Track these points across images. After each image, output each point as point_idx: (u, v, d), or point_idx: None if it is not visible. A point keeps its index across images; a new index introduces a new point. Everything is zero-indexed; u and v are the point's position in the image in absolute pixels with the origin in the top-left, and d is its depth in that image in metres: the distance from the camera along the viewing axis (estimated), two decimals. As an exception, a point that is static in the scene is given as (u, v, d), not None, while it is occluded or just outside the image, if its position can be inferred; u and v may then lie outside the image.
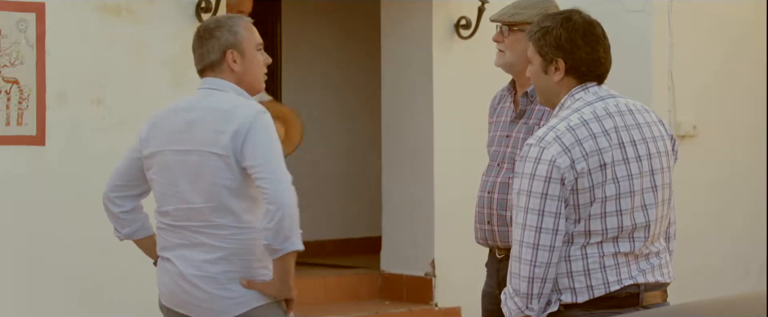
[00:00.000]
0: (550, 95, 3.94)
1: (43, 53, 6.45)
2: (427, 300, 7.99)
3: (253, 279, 4.32)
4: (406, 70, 8.11)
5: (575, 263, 3.77)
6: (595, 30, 3.87)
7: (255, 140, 4.23)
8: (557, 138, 3.75)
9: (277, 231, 4.17)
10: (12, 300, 6.41)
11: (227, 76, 4.38)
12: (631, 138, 3.81)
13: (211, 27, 4.41)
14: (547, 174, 3.72)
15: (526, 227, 3.74)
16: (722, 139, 8.87)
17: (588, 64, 3.85)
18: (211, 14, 6.97)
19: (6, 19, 6.35)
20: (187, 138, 4.33)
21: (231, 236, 4.30)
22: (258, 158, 4.21)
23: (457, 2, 7.92)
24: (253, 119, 4.25)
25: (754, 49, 8.99)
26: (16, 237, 6.42)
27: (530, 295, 3.77)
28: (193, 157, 4.31)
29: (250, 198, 4.30)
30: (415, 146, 8.06)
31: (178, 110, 4.42)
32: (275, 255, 4.24)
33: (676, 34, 8.55)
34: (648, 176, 3.83)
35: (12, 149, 6.39)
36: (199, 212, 4.31)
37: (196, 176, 4.30)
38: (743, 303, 3.44)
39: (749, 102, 8.99)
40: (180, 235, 4.36)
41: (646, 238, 3.83)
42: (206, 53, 4.39)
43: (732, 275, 8.90)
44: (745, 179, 8.99)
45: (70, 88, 6.55)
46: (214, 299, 4.31)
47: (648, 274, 3.85)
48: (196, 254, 4.32)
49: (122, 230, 4.59)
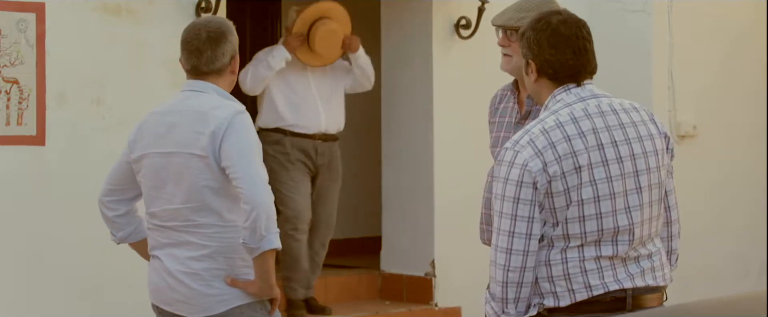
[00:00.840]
0: (536, 95, 3.92)
1: (43, 53, 6.45)
2: (427, 300, 7.99)
3: (237, 277, 4.36)
4: (406, 70, 8.11)
5: (555, 267, 3.73)
6: (564, 31, 3.81)
7: (231, 140, 4.28)
8: (531, 142, 3.72)
9: (253, 230, 4.22)
10: (12, 299, 6.41)
11: (225, 79, 4.44)
12: (611, 139, 3.76)
13: (223, 30, 4.42)
14: (519, 178, 3.70)
15: (500, 232, 3.72)
16: (722, 139, 8.86)
17: (553, 66, 3.81)
18: (211, 14, 6.97)
19: (6, 19, 6.35)
20: (169, 141, 4.37)
21: (215, 235, 4.35)
22: (233, 158, 4.26)
23: (457, 2, 7.92)
24: (230, 119, 4.30)
25: (754, 49, 8.99)
26: (16, 237, 6.42)
27: (505, 300, 3.74)
28: (175, 159, 4.36)
29: (232, 198, 4.33)
30: (415, 146, 8.06)
31: (161, 114, 4.47)
32: (253, 254, 4.29)
33: (676, 34, 8.55)
34: (632, 178, 3.77)
35: (12, 149, 6.39)
36: (182, 213, 4.36)
37: (178, 176, 4.35)
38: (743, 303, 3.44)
39: (749, 102, 8.99)
40: (167, 235, 4.42)
41: (631, 241, 3.77)
42: (220, 56, 4.40)
43: (732, 275, 8.90)
44: (745, 179, 8.99)
45: (70, 88, 6.55)
46: (198, 295, 4.35)
47: (637, 278, 3.78)
48: (182, 252, 4.38)
49: (117, 234, 4.65)
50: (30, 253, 6.45)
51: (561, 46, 3.80)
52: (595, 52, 3.89)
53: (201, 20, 4.56)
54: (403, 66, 8.12)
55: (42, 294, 6.48)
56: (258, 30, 9.45)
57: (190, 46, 4.43)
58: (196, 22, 4.53)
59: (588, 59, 3.84)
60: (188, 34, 4.45)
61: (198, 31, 4.43)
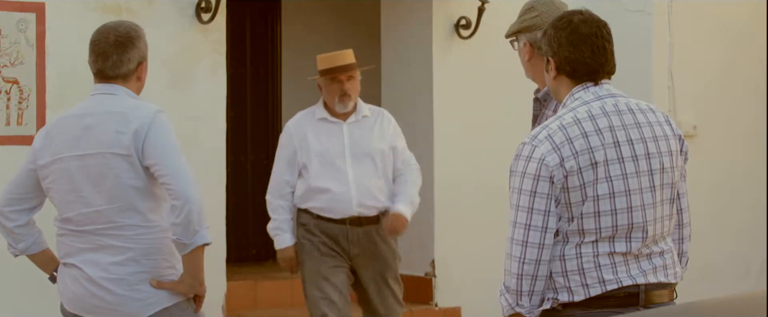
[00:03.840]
0: (555, 93, 3.97)
1: (43, 53, 6.45)
2: (427, 300, 7.99)
3: (161, 278, 4.33)
4: (406, 70, 8.11)
5: (570, 262, 3.78)
6: (584, 30, 3.86)
7: (155, 138, 4.25)
8: (548, 137, 3.76)
9: (185, 226, 4.20)
10: (12, 299, 6.41)
11: (132, 85, 4.40)
12: (627, 137, 3.81)
13: (132, 35, 4.38)
14: (536, 172, 3.74)
15: (517, 225, 3.76)
16: (722, 139, 8.87)
17: (572, 64, 3.86)
18: (211, 14, 6.97)
19: (6, 19, 6.36)
20: (86, 143, 4.32)
21: (138, 237, 4.30)
22: (159, 156, 4.24)
23: (457, 2, 7.93)
24: (152, 118, 4.27)
25: (754, 49, 8.99)
26: (16, 237, 6.42)
27: (520, 292, 3.77)
28: (94, 160, 4.30)
29: (154, 197, 4.32)
30: (415, 145, 8.05)
31: (73, 117, 4.42)
32: (185, 250, 4.26)
33: (676, 34, 8.56)
34: (647, 176, 3.82)
35: (12, 149, 6.39)
36: (104, 215, 4.30)
37: (99, 178, 4.30)
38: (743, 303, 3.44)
39: (749, 102, 8.99)
40: (84, 239, 4.35)
41: (644, 238, 3.82)
42: (126, 62, 4.36)
43: (732, 275, 8.90)
44: (745, 179, 8.99)
45: (70, 88, 6.55)
46: (124, 301, 4.30)
47: (649, 275, 3.83)
48: (103, 257, 4.31)
49: (17, 246, 4.54)
50: (30, 253, 6.45)
51: (580, 44, 3.85)
52: (614, 53, 3.93)
53: (112, 23, 4.48)
54: (403, 66, 8.13)
55: (42, 294, 6.48)
56: (258, 30, 9.45)
57: (97, 49, 4.40)
58: (107, 25, 4.46)
59: (607, 59, 3.89)
60: (97, 35, 4.41)
61: (107, 34, 4.39)
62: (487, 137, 7.92)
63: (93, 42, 4.40)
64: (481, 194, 7.85)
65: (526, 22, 4.51)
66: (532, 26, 4.45)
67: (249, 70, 9.28)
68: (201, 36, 7.03)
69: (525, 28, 4.48)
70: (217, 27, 7.06)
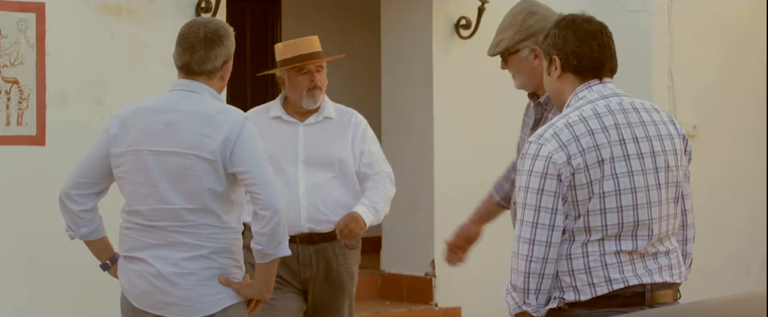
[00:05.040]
0: (558, 95, 3.98)
1: (43, 53, 6.45)
2: (427, 300, 7.99)
3: (229, 277, 4.37)
4: (406, 70, 8.11)
5: (576, 261, 3.79)
6: (589, 27, 3.92)
7: (244, 146, 4.26)
8: (555, 135, 3.78)
9: (271, 236, 4.24)
10: (12, 300, 6.41)
11: (215, 83, 4.40)
12: (633, 135, 3.83)
13: (222, 33, 4.39)
14: (543, 170, 3.75)
15: (524, 223, 3.77)
16: (722, 139, 8.87)
17: (579, 57, 3.89)
18: (210, 14, 6.97)
19: (6, 19, 6.36)
20: (167, 139, 4.31)
21: (213, 235, 4.32)
22: (249, 165, 4.25)
23: (457, 2, 7.93)
24: (241, 126, 4.28)
25: (754, 49, 8.99)
26: (16, 237, 6.42)
27: (527, 290, 3.78)
28: (175, 159, 4.29)
29: (230, 201, 4.34)
30: (415, 145, 8.06)
31: (152, 111, 4.39)
32: (266, 259, 4.31)
33: (676, 34, 8.56)
34: (652, 174, 3.84)
35: (12, 149, 6.39)
36: (179, 213, 4.31)
37: (178, 177, 4.29)
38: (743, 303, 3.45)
39: (749, 102, 9.00)
40: (154, 235, 4.35)
41: (650, 237, 3.83)
42: (212, 58, 4.36)
43: (732, 275, 8.90)
44: (745, 179, 8.99)
45: (70, 88, 6.55)
46: (193, 295, 4.32)
47: (655, 274, 3.85)
48: (173, 253, 4.33)
49: (78, 230, 4.53)
50: (30, 253, 6.45)
51: (587, 39, 3.91)
52: (616, 53, 3.97)
53: (202, 19, 4.53)
54: (403, 66, 8.13)
55: (42, 294, 6.48)
56: (258, 30, 9.45)
57: (185, 43, 4.39)
58: (198, 20, 4.49)
59: (611, 55, 3.95)
60: (186, 29, 4.41)
61: (197, 29, 4.38)
62: (487, 137, 7.91)
63: (182, 35, 4.40)
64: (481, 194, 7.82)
65: (535, 25, 4.54)
66: (540, 30, 4.47)
67: (249, 70, 9.28)
68: (201, 36, 7.03)
69: (533, 33, 4.51)
70: (217, 27, 7.05)
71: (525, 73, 4.59)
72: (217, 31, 4.38)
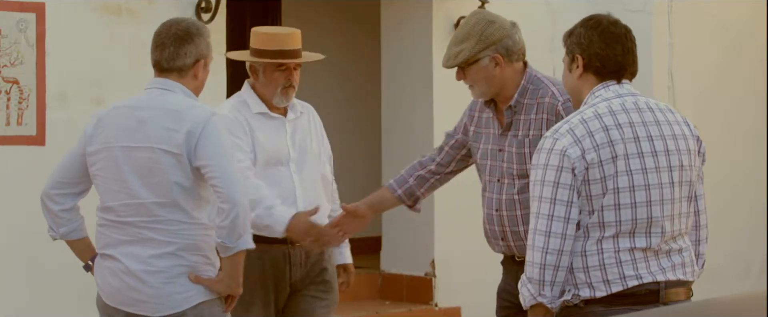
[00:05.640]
0: (576, 93, 4.05)
1: (43, 53, 6.45)
2: (427, 300, 7.99)
3: (199, 274, 4.38)
4: (406, 70, 8.11)
5: (591, 257, 3.85)
6: (615, 30, 3.99)
7: (208, 140, 4.29)
8: (570, 130, 3.85)
9: (231, 229, 4.25)
10: (12, 300, 6.41)
11: (188, 82, 4.43)
12: (647, 133, 3.90)
13: (192, 31, 4.42)
14: (558, 164, 3.82)
15: (539, 216, 3.84)
16: (722, 139, 8.86)
17: (602, 60, 3.96)
18: (210, 14, 6.98)
19: (6, 19, 6.35)
20: (139, 135, 4.35)
21: (181, 231, 4.35)
22: (211, 158, 4.28)
23: (457, 2, 7.93)
24: (207, 119, 4.31)
25: (754, 49, 8.99)
26: (15, 237, 6.42)
27: (542, 282, 3.84)
28: (144, 153, 4.34)
29: (199, 197, 4.35)
30: (415, 146, 8.06)
31: (127, 108, 4.44)
32: (228, 253, 4.31)
33: (676, 34, 8.56)
34: (666, 172, 3.90)
35: (12, 149, 6.39)
36: (148, 208, 4.34)
37: (146, 171, 4.33)
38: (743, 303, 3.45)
39: (749, 102, 8.99)
40: (125, 231, 4.38)
41: (664, 234, 3.89)
42: (182, 56, 4.40)
43: (732, 275, 8.90)
44: (745, 179, 8.99)
45: (70, 88, 6.55)
46: (162, 293, 4.34)
47: (668, 272, 3.90)
48: (143, 250, 4.35)
49: (58, 229, 4.58)
50: (30, 253, 6.45)
51: (612, 42, 3.98)
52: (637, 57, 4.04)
53: (177, 18, 4.57)
54: (403, 66, 8.13)
55: (42, 294, 6.48)
56: (258, 30, 9.43)
57: (157, 40, 4.45)
58: (172, 19, 4.54)
59: (633, 60, 4.02)
60: (160, 28, 4.47)
61: (169, 27, 4.45)
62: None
63: (155, 34, 4.47)
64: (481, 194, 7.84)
65: (495, 33, 4.68)
66: (499, 38, 4.65)
67: (249, 70, 9.27)
68: (201, 36, 7.03)
69: (493, 42, 4.62)
70: (217, 27, 7.05)
71: (485, 82, 4.70)
72: (188, 29, 4.42)
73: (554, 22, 8.31)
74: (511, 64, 4.67)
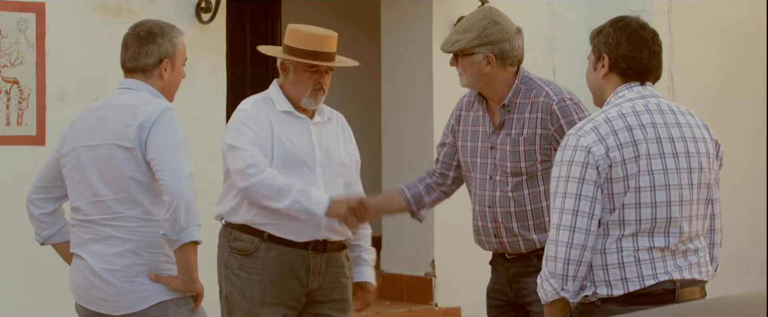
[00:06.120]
0: (599, 92, 4.10)
1: (43, 53, 6.45)
2: (427, 300, 7.99)
3: (160, 272, 4.38)
4: (406, 70, 8.11)
5: (610, 256, 3.89)
6: (643, 33, 4.05)
7: (157, 133, 4.32)
8: (594, 128, 3.90)
9: (173, 222, 4.25)
10: (11, 300, 6.41)
11: (154, 81, 4.47)
12: (669, 135, 3.95)
13: (155, 32, 4.47)
14: (584, 160, 3.86)
15: (564, 211, 3.87)
16: (722, 139, 8.83)
17: (628, 61, 4.01)
18: (210, 14, 6.98)
19: (6, 19, 6.35)
20: (98, 133, 4.40)
21: (138, 229, 4.36)
22: (157, 151, 4.30)
23: (457, 2, 7.93)
24: (158, 114, 4.34)
25: (754, 49, 8.99)
26: (15, 237, 6.42)
27: (566, 277, 3.87)
28: (102, 150, 4.38)
29: (156, 192, 4.36)
30: (415, 146, 8.06)
31: (93, 109, 4.52)
32: (174, 246, 4.31)
33: (676, 34, 8.55)
34: (686, 173, 3.96)
35: (12, 149, 6.39)
36: (107, 205, 4.37)
37: (104, 168, 4.37)
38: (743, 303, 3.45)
39: (749, 102, 8.99)
40: (90, 230, 4.42)
41: (681, 234, 3.94)
42: (143, 55, 4.45)
43: (732, 275, 8.89)
44: (745, 179, 8.98)
45: (70, 88, 6.55)
46: (121, 292, 4.36)
47: (684, 271, 3.95)
48: (104, 248, 4.38)
49: (42, 233, 4.65)
50: (30, 253, 6.44)
51: (639, 45, 4.03)
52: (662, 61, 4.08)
53: (144, 20, 4.62)
54: (403, 66, 8.13)
55: (42, 294, 6.48)
56: (258, 30, 9.45)
57: (123, 42, 4.53)
58: (141, 21, 4.59)
59: (659, 63, 4.07)
60: (128, 30, 4.54)
61: (134, 28, 4.52)
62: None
63: (124, 36, 4.53)
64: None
65: (496, 35, 4.71)
66: (499, 39, 4.70)
67: (249, 70, 9.28)
68: (201, 36, 7.03)
69: (491, 42, 4.66)
70: (217, 27, 7.06)
71: (472, 75, 4.74)
72: (151, 30, 4.47)
73: (554, 22, 8.31)
74: (503, 67, 4.71)
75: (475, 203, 4.84)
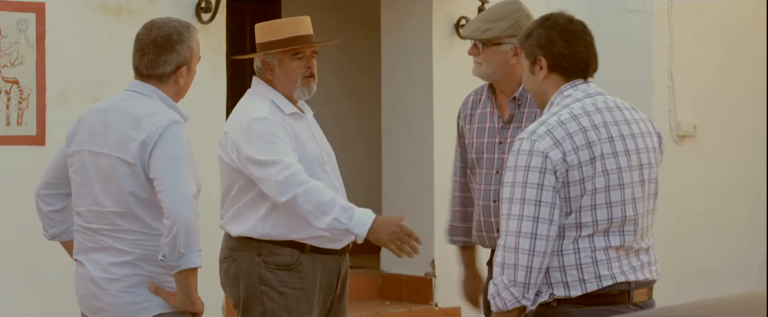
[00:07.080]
0: (541, 95, 4.03)
1: (43, 53, 6.45)
2: (427, 300, 7.99)
3: (160, 285, 4.26)
4: (406, 70, 8.11)
5: (567, 257, 3.85)
6: (573, 27, 3.97)
7: (160, 151, 4.15)
8: (548, 132, 3.83)
9: (172, 247, 4.10)
10: (12, 300, 6.41)
11: (168, 87, 4.30)
12: (620, 133, 3.90)
13: (174, 39, 4.27)
14: (541, 165, 3.80)
15: (523, 218, 3.80)
16: (722, 139, 8.87)
17: (568, 59, 3.95)
18: (210, 14, 6.98)
19: (6, 19, 6.35)
20: (101, 140, 4.27)
21: (138, 242, 4.24)
22: (160, 170, 4.13)
23: (457, 2, 7.93)
24: (163, 129, 4.17)
25: (754, 49, 8.99)
26: (16, 237, 6.42)
27: (528, 284, 3.81)
28: (105, 160, 4.25)
29: (158, 208, 4.19)
30: (414, 146, 8.06)
31: (99, 110, 4.37)
32: (173, 271, 4.18)
33: (676, 34, 8.56)
34: (637, 170, 3.92)
35: (12, 149, 6.39)
36: (107, 216, 4.26)
37: (106, 179, 4.25)
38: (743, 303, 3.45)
39: (749, 102, 9.00)
40: (91, 238, 4.32)
41: (635, 232, 3.91)
42: (161, 64, 4.27)
43: (732, 275, 8.90)
44: (745, 179, 8.99)
45: (70, 88, 6.55)
46: (119, 302, 4.26)
47: (638, 272, 3.93)
48: (104, 257, 4.28)
49: (50, 230, 4.57)
50: (30, 253, 6.45)
51: (573, 39, 3.96)
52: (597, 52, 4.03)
53: (160, 20, 4.37)
54: (403, 66, 8.13)
55: (42, 294, 6.48)
56: (258, 30, 9.43)
57: (137, 45, 4.32)
58: (154, 21, 4.37)
59: (595, 54, 4.01)
60: (141, 30, 4.34)
61: (149, 30, 4.31)
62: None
63: (136, 36, 4.33)
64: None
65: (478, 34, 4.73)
66: None
67: (249, 71, 9.27)
68: (201, 36, 7.01)
69: None
70: (217, 27, 7.05)
71: (497, 66, 4.73)
72: (170, 36, 4.27)
73: (554, 22, 8.31)
74: None
75: (478, 199, 4.83)
